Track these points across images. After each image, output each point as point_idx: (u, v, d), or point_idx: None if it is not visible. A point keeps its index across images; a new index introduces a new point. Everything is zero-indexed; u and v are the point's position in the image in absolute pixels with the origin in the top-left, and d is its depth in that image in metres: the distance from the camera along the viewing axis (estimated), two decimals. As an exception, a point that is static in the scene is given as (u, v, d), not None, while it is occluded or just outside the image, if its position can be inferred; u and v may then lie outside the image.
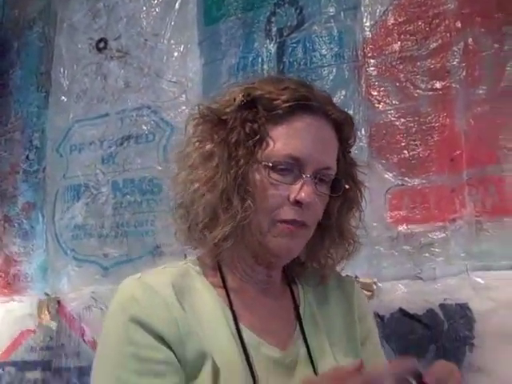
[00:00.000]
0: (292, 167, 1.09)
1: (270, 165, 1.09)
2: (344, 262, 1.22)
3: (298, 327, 1.17)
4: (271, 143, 1.09)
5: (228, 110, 1.12)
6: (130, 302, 1.07)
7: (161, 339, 1.04)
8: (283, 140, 1.10)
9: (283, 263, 1.19)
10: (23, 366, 2.24)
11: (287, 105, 1.09)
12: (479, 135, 1.67)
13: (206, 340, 1.06)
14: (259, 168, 1.10)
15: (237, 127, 1.10)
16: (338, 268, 1.23)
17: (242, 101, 1.11)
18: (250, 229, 1.11)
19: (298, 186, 1.09)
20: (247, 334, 1.10)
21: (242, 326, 1.10)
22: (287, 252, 1.13)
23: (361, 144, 1.79)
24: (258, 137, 1.09)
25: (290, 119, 1.10)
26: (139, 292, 1.07)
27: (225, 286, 1.14)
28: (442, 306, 1.63)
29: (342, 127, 1.15)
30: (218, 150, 1.10)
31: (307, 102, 1.10)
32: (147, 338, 1.04)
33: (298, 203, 1.09)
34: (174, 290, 1.09)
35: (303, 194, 1.09)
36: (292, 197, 1.09)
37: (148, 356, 1.03)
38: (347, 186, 1.16)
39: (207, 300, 1.12)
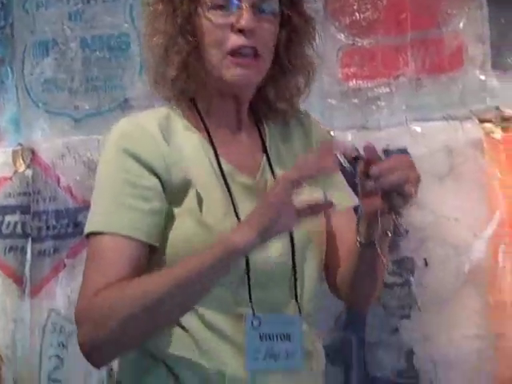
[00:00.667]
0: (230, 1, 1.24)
1: (209, 4, 1.26)
2: (305, 93, 1.39)
3: (264, 158, 1.35)
4: None
5: None
6: (122, 136, 1.27)
7: (149, 168, 1.23)
8: None
9: (246, 94, 1.34)
10: (2, 210, 2.42)
11: None
12: (423, 1, 1.90)
13: (190, 171, 1.25)
14: (202, 10, 1.26)
15: None
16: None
17: None
18: (203, 66, 1.27)
19: (237, 15, 1.23)
20: (224, 166, 1.29)
21: (220, 159, 1.29)
22: (244, 80, 1.27)
23: (315, 5, 1.90)
24: None
25: None
26: (130, 128, 1.28)
27: (204, 124, 1.32)
28: (385, 151, 1.86)
29: None
30: (165, 5, 1.29)
31: None
32: (137, 166, 1.23)
33: (241, 31, 1.23)
34: (160, 128, 1.27)
35: (243, 21, 1.23)
36: (235, 26, 1.23)
37: (138, 182, 1.22)
38: (289, 13, 1.30)
39: (189, 137, 1.30)
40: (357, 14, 1.97)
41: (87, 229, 1.25)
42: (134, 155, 1.24)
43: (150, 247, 1.23)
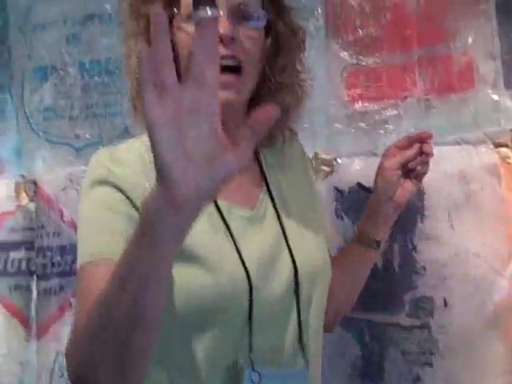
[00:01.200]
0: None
1: (183, 15, 1.21)
2: (298, 111, 1.34)
3: (264, 190, 1.31)
4: None
5: None
6: (98, 167, 1.22)
7: (131, 201, 1.16)
8: None
9: (232, 118, 1.16)
10: (7, 246, 2.41)
11: None
12: (429, 16, 1.83)
13: None
14: (176, 22, 1.21)
15: None
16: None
17: None
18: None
19: None
20: (221, 203, 1.22)
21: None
22: (224, 104, 1.07)
23: (317, 23, 1.93)
24: None
25: None
26: (108, 159, 1.22)
27: None
28: None
29: None
30: (136, 22, 1.25)
31: None
32: (118, 194, 1.17)
33: (220, 40, 1.13)
34: (142, 161, 1.21)
35: (221, 29, 1.13)
36: None
37: (121, 208, 1.16)
38: (270, 17, 1.24)
39: None
40: (359, 31, 1.92)
41: (77, 265, 1.18)
42: (113, 184, 1.18)
43: None
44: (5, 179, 2.48)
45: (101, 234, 1.15)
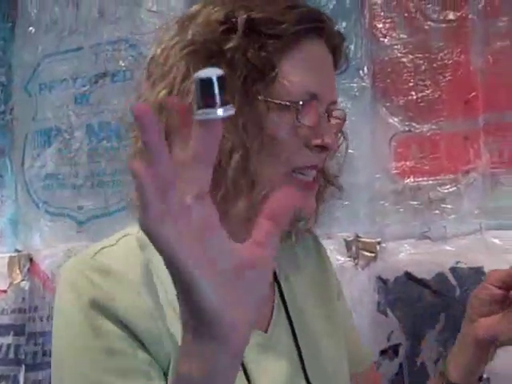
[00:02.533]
0: (308, 106, 0.99)
1: (288, 104, 0.99)
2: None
3: (277, 302, 1.13)
4: (281, 77, 0.99)
5: (221, 37, 0.98)
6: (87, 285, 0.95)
7: (131, 334, 0.93)
8: (297, 72, 1.00)
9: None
10: None
11: (299, 28, 0.98)
12: (498, 74, 1.61)
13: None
14: (276, 113, 1.00)
15: (240, 59, 0.97)
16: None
17: (245, 25, 0.98)
18: (253, 185, 1.00)
19: (315, 126, 1.01)
20: None
21: None
22: (311, 211, 1.06)
23: (363, 84, 1.73)
24: (267, 70, 0.98)
25: (301, 46, 1.00)
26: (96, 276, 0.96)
27: None
28: (453, 269, 1.60)
29: (338, 52, 1.08)
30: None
31: (320, 25, 1.02)
32: (114, 328, 0.92)
33: (320, 148, 1.02)
34: (141, 271, 0.98)
35: (328, 139, 1.02)
36: (314, 141, 1.01)
37: (118, 348, 0.92)
38: None
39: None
40: (413, 93, 1.69)
41: None
42: (108, 311, 0.92)
43: None
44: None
45: None
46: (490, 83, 1.62)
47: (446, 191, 1.65)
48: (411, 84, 1.69)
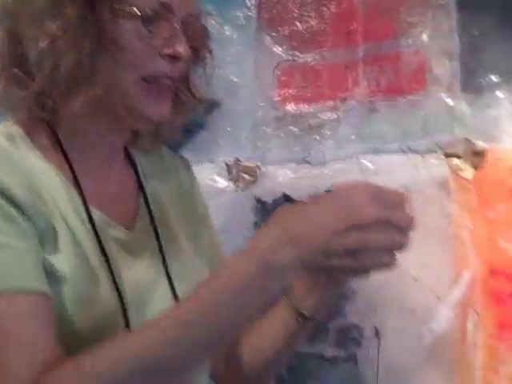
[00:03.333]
0: (160, 16, 1.01)
1: (139, 14, 1.00)
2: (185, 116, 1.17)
3: (141, 201, 1.15)
4: None
5: None
6: None
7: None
8: None
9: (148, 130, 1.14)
10: None
11: None
12: (379, 7, 1.67)
13: (52, 219, 0.99)
14: (122, 20, 1.00)
15: None
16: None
17: None
18: (111, 92, 1.01)
19: (168, 36, 1.02)
20: (95, 214, 1.05)
21: (89, 206, 1.05)
22: (161, 117, 1.07)
23: (249, 13, 1.74)
24: None
25: None
26: None
27: (66, 158, 1.05)
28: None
29: None
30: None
31: None
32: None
33: (171, 57, 1.03)
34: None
35: (179, 48, 1.03)
36: (166, 50, 1.02)
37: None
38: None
39: (45, 173, 1.03)
40: (298, 24, 1.73)
41: None
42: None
43: None
44: None
45: None
46: (371, 16, 1.67)
47: (325, 118, 1.70)
48: (296, 15, 1.72)
